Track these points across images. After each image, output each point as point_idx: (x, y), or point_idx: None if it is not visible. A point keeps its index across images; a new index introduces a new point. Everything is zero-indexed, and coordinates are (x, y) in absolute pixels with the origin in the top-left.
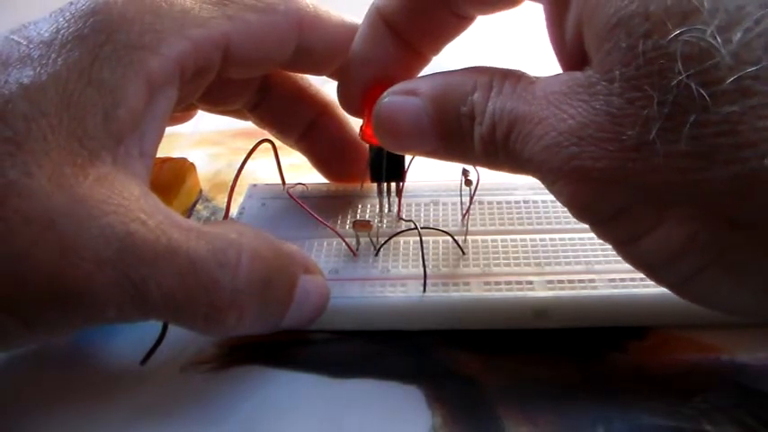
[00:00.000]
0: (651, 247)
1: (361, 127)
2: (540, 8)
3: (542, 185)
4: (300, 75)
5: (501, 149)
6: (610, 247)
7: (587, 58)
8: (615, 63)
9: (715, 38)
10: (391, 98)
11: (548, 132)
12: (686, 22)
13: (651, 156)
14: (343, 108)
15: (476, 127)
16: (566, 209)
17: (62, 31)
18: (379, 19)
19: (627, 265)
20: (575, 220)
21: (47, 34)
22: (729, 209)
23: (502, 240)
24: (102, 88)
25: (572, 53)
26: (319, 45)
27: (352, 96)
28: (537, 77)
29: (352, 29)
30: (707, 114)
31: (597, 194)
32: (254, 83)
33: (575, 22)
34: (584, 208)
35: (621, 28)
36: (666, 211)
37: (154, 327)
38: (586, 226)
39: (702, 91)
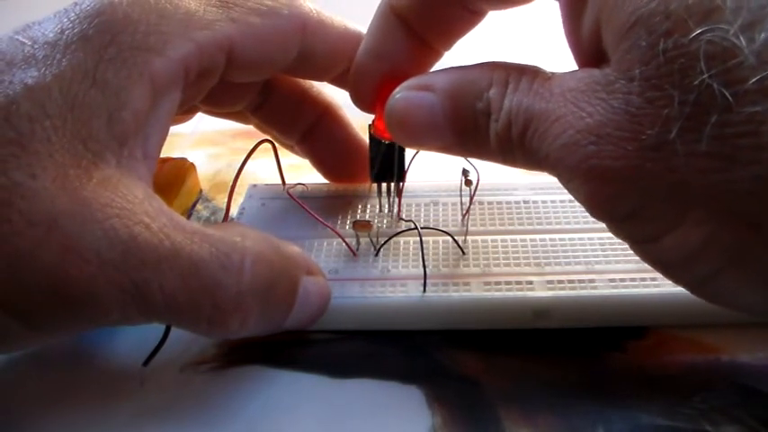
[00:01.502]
0: (668, 247)
1: (373, 121)
2: (554, 4)
3: (542, 186)
4: None
5: (517, 146)
6: (610, 246)
7: (605, 55)
8: (635, 62)
9: (738, 37)
10: (405, 93)
11: (565, 130)
12: (708, 20)
13: (671, 156)
14: (355, 103)
15: (492, 123)
16: (565, 209)
17: (67, 32)
18: (391, 13)
19: (627, 266)
20: (574, 220)
21: (51, 35)
22: (749, 210)
23: (502, 240)
24: (107, 90)
25: (589, 50)
26: (322, 50)
27: (363, 91)
28: (553, 74)
29: (355, 35)
30: (729, 115)
31: (615, 193)
32: (256, 85)
33: (592, 19)
34: (601, 206)
35: (641, 26)
36: (685, 212)
37: (156, 327)
38: (586, 226)
39: (725, 91)
